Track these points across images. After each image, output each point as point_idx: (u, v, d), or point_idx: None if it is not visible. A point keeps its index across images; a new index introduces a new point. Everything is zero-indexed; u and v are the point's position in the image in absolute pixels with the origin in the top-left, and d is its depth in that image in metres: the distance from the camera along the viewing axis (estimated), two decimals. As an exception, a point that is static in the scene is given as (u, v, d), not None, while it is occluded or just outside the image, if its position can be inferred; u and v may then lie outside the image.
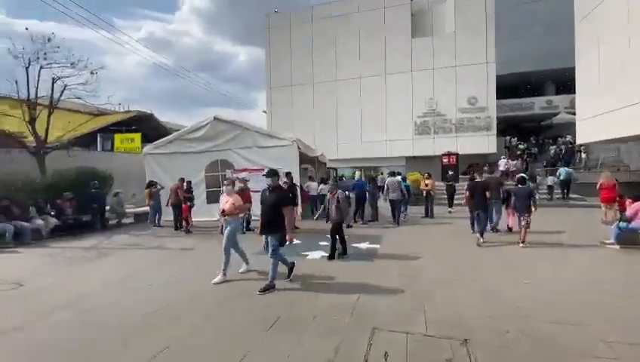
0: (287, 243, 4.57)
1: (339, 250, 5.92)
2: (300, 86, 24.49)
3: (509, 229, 7.82)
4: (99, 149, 25.05)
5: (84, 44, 55.48)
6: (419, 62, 22.00)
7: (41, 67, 9.68)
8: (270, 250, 4.44)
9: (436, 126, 21.84)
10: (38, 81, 9.83)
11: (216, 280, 4.72)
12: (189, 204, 9.34)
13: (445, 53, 21.34)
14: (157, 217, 10.33)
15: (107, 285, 4.81)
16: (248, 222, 8.84)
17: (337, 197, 5.95)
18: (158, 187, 10.45)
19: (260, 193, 9.97)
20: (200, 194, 11.00)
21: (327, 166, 20.62)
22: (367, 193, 9.74)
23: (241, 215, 5.30)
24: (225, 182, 5.54)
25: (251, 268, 5.20)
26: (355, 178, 9.75)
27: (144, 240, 8.39)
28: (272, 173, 4.59)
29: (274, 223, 4.40)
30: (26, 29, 10.28)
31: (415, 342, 2.91)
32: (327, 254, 5.96)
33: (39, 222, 8.41)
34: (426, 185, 10.72)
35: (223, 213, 4.92)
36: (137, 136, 26.30)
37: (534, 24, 26.79)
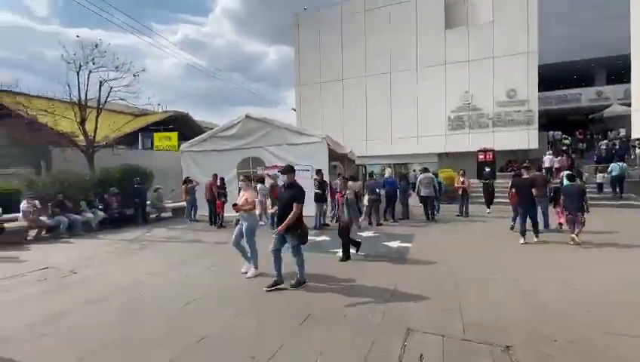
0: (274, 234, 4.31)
1: (347, 248, 5.68)
2: (328, 83, 24.45)
3: (560, 226, 7.37)
4: (140, 147, 26.67)
5: (127, 49, 58.95)
6: (453, 54, 21.12)
7: (90, 71, 10.48)
8: (291, 248, 4.31)
9: (471, 121, 20.90)
10: (88, 84, 10.65)
11: (249, 274, 4.82)
12: (222, 199, 9.66)
13: (482, 43, 20.31)
14: (193, 212, 10.80)
15: (149, 275, 5.11)
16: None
17: (346, 198, 5.71)
18: (194, 183, 10.90)
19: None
20: (232, 190, 11.31)
21: (356, 163, 20.50)
22: (397, 190, 9.53)
23: (258, 211, 5.08)
24: (240, 178, 5.51)
25: (261, 272, 4.90)
26: (386, 175, 9.58)
27: (181, 233, 8.81)
28: (288, 170, 4.44)
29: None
30: (77, 36, 11.26)
31: (452, 346, 2.81)
32: (358, 252, 5.92)
33: (89, 215, 9.10)
34: (462, 183, 10.28)
35: (235, 206, 4.92)
36: (174, 135, 27.64)
37: (581, 9, 24.73)
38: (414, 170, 15.63)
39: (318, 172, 8.85)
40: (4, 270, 5.50)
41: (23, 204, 7.96)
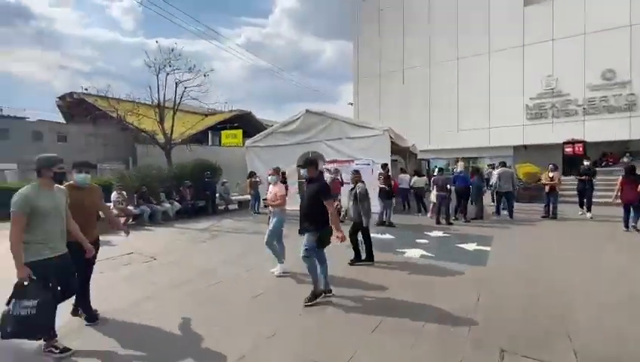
0: (339, 242, 3.64)
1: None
2: (389, 74, 23.51)
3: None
4: (209, 144, 28.87)
5: (198, 54, 64.20)
6: (533, 33, 18.66)
7: (167, 74, 11.48)
8: (302, 250, 3.66)
9: (555, 109, 18.30)
10: (165, 86, 11.68)
11: (276, 271, 4.59)
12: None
13: (570, 19, 17.57)
14: (256, 205, 11.20)
15: (221, 263, 5.30)
16: (339, 213, 8.78)
17: (356, 192, 5.03)
18: (257, 178, 11.30)
19: (348, 185, 10.04)
20: (293, 184, 11.47)
21: (418, 157, 19.40)
22: (470, 187, 8.63)
23: (287, 206, 4.69)
24: (269, 172, 5.02)
25: (287, 271, 4.66)
26: (457, 170, 8.76)
27: (246, 225, 9.15)
28: (308, 163, 3.83)
29: (310, 220, 3.65)
30: (156, 41, 12.29)
31: (564, 378, 2.28)
32: (427, 253, 5.44)
33: (167, 205, 9.96)
34: (551, 179, 8.87)
35: (265, 201, 4.66)
36: (239, 133, 29.43)
37: None
38: (489, 165, 14.16)
39: (384, 166, 8.42)
40: (100, 252, 6.20)
41: (114, 195, 8.97)
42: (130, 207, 9.17)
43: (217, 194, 11.74)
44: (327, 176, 10.35)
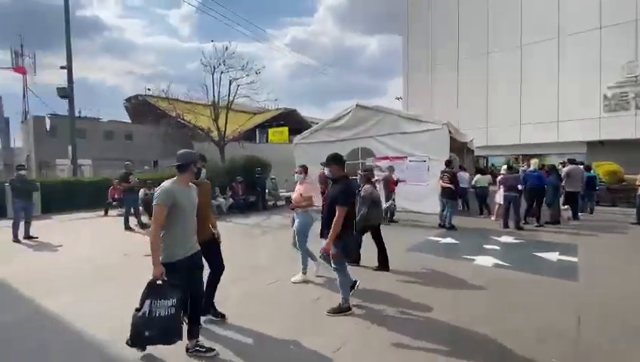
0: (320, 253, 3.26)
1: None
2: (441, 66, 22.19)
3: None
4: (257, 141, 29.79)
5: (248, 55, 66.95)
6: (612, 13, 16.31)
7: (222, 72, 11.90)
8: (332, 262, 3.28)
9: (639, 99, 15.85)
10: (220, 84, 12.15)
11: (295, 278, 4.19)
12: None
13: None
14: (305, 202, 11.14)
15: (275, 261, 5.21)
16: (392, 213, 8.32)
17: (363, 194, 4.56)
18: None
19: (403, 183, 9.50)
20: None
21: (475, 154, 18.02)
22: (545, 187, 7.63)
23: (310, 207, 4.22)
24: (296, 170, 4.53)
25: (308, 279, 4.22)
26: (530, 168, 7.81)
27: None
28: (330, 159, 3.31)
29: (330, 226, 3.16)
30: (212, 41, 12.89)
31: None
32: (501, 262, 4.84)
33: (221, 200, 10.27)
34: (646, 181, 7.55)
35: (291, 205, 4.24)
36: (285, 130, 30.03)
37: None
38: (561, 163, 12.62)
39: (448, 163, 7.76)
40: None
41: (174, 189, 9.45)
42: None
43: (267, 191, 11.89)
44: (380, 174, 9.93)
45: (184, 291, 2.45)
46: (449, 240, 6.42)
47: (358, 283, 3.49)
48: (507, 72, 19.39)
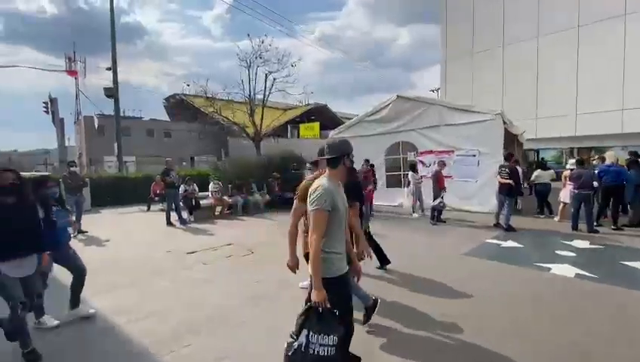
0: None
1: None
2: (484, 53, 20.66)
3: None
4: (289, 137, 29.88)
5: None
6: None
7: (257, 66, 11.78)
8: None
9: None
10: (256, 79, 12.08)
11: (303, 283, 3.73)
12: (371, 187, 9.07)
13: None
14: (342, 199, 10.75)
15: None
16: (440, 212, 7.69)
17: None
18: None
19: (449, 179, 8.77)
20: (380, 177, 10.68)
21: (524, 147, 16.58)
22: (625, 184, 6.59)
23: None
24: (307, 166, 3.96)
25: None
26: (607, 162, 6.81)
27: (334, 220, 8.70)
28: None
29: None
30: (248, 35, 12.76)
31: None
32: (583, 272, 4.14)
33: (258, 196, 10.15)
34: None
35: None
36: (316, 125, 29.88)
37: None
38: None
39: (509, 157, 6.96)
40: (202, 242, 6.42)
41: (211, 185, 9.44)
42: (225, 197, 9.56)
43: (304, 187, 11.65)
44: (426, 170, 9.28)
45: (347, 325, 1.91)
46: (511, 243, 5.72)
47: (378, 301, 3.00)
48: (561, 56, 17.59)
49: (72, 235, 3.37)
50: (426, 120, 9.61)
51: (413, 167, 8.57)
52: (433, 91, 31.85)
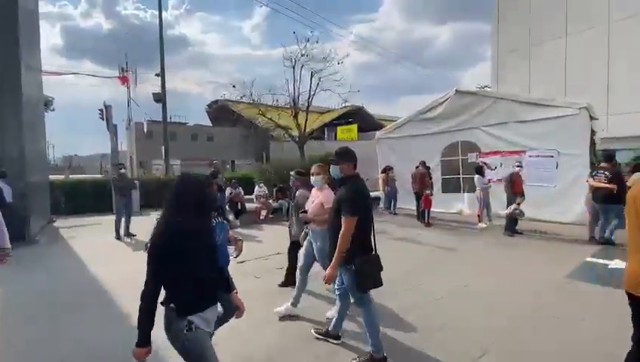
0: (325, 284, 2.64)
1: None
2: (542, 45, 18.75)
3: None
4: (326, 139, 29.56)
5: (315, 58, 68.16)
6: None
7: (302, 65, 11.39)
8: (351, 296, 2.54)
9: None
10: (300, 80, 11.75)
11: (281, 310, 3.26)
12: (428, 191, 8.22)
13: None
14: (392, 204, 9.96)
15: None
16: (515, 222, 6.64)
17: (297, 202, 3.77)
18: (393, 174, 10.06)
19: (522, 183, 7.64)
20: (435, 181, 9.73)
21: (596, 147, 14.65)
22: None
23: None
24: (312, 170, 3.32)
25: (293, 313, 3.27)
26: None
27: (387, 227, 7.96)
28: (342, 154, 2.60)
29: (337, 243, 2.38)
30: (294, 32, 12.53)
31: None
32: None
33: (302, 201, 9.69)
34: None
35: (303, 213, 3.22)
36: (354, 127, 29.31)
37: None
38: None
39: (609, 158, 5.82)
40: (251, 250, 5.95)
41: (257, 189, 9.12)
42: (269, 201, 9.20)
43: (350, 190, 11.03)
44: (490, 173, 8.22)
45: None
46: (619, 263, 4.64)
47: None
48: (636, 43, 15.37)
49: (232, 257, 2.48)
50: (491, 116, 8.56)
51: (479, 170, 7.58)
52: (482, 88, 29.85)
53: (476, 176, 7.62)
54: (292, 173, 4.36)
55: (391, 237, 6.99)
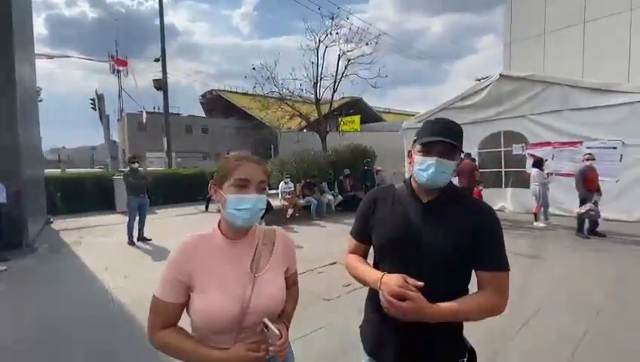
0: None
1: None
2: (558, 32, 18.12)
3: None
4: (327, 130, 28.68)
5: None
6: None
7: (326, 47, 10.29)
8: None
9: None
10: (324, 62, 10.65)
11: None
12: (479, 187, 7.47)
13: None
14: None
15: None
16: (595, 223, 5.83)
17: None
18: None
19: (575, 178, 6.90)
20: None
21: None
22: None
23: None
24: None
25: None
26: None
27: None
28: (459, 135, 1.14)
29: None
30: (319, 8, 11.24)
31: None
32: None
33: (330, 197, 8.82)
34: None
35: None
36: (357, 118, 28.45)
37: None
38: None
39: None
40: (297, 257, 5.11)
41: (282, 185, 8.18)
42: (296, 198, 8.30)
43: (377, 185, 10.18)
44: (551, 166, 7.47)
45: None
46: None
47: None
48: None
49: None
50: (542, 104, 7.81)
51: (538, 163, 6.82)
52: (479, 80, 29.26)
53: (534, 170, 6.86)
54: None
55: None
